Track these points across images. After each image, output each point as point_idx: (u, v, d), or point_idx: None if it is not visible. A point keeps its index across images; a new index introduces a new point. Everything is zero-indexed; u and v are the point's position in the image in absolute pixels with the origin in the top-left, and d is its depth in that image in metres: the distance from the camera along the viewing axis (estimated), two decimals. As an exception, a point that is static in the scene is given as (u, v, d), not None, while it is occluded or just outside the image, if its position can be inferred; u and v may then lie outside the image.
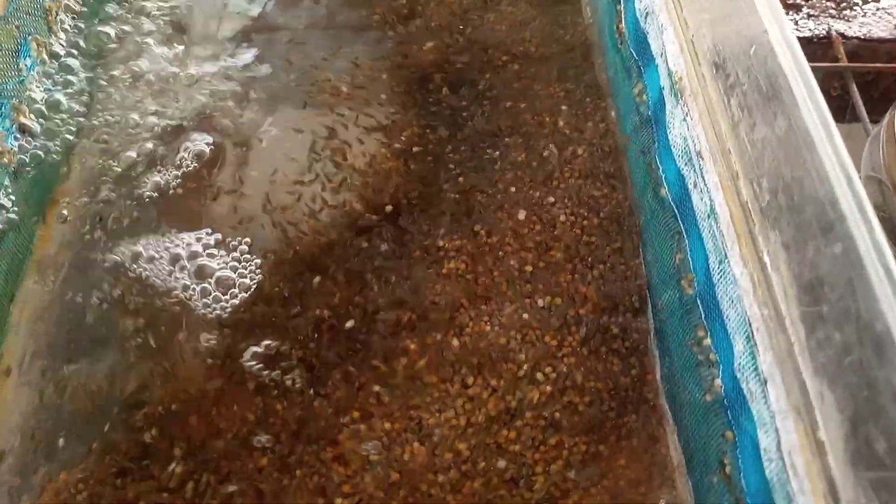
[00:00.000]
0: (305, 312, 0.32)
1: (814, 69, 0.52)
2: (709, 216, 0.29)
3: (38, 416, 0.30)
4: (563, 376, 0.31)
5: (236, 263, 0.34)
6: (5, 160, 0.32)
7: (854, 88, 0.49)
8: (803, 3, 0.54)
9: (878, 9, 0.54)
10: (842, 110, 0.51)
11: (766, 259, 0.26)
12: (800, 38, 0.54)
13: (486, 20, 0.42)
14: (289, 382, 0.31)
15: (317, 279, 0.33)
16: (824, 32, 0.52)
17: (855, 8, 0.54)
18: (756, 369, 0.26)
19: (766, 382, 0.25)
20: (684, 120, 0.31)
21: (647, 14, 0.36)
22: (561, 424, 0.30)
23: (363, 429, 0.29)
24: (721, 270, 0.28)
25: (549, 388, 0.31)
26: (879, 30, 0.53)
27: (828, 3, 0.54)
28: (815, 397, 0.23)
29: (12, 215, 0.32)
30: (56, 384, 0.31)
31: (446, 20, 0.42)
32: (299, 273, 0.33)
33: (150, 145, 0.37)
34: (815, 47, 0.52)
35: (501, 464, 0.29)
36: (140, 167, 0.36)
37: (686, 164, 0.31)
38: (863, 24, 0.53)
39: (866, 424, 0.21)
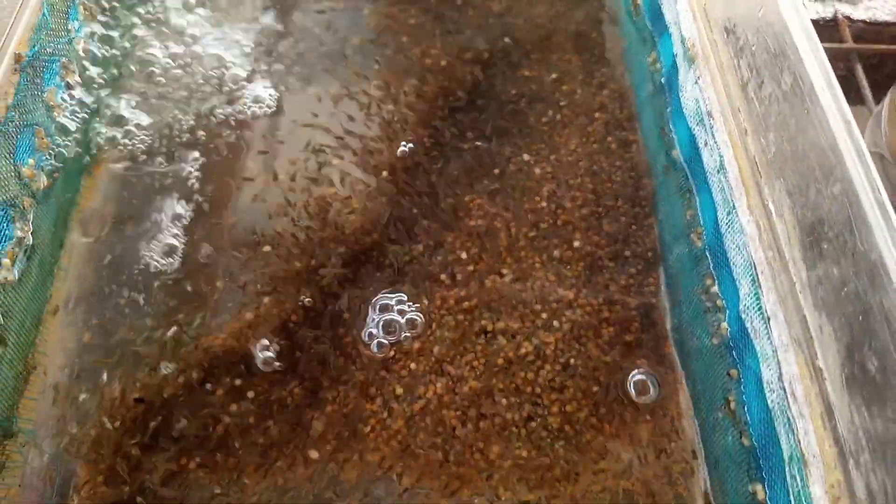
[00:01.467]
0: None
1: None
2: (718, 171, 0.31)
3: (81, 352, 0.32)
4: (578, 325, 0.33)
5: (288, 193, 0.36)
6: (55, 114, 0.35)
7: (859, 69, 0.51)
8: (812, -14, 0.55)
9: (886, -5, 0.56)
10: (847, 91, 0.52)
11: (772, 207, 0.28)
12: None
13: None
14: (305, 329, 0.33)
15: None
16: (831, 15, 0.53)
17: (862, -8, 0.56)
18: (760, 309, 0.27)
19: (769, 320, 0.27)
20: (696, 83, 0.33)
21: (662, -15, 0.37)
22: (576, 369, 0.32)
23: (391, 367, 0.32)
24: (729, 221, 0.30)
25: (564, 335, 0.33)
26: (884, 13, 0.54)
27: (835, -12, 0.56)
28: (814, 329, 0.25)
29: (60, 164, 0.34)
30: (97, 325, 0.33)
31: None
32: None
33: (181, 105, 0.39)
34: (822, 29, 0.53)
35: (518, 403, 0.31)
36: (177, 123, 0.38)
37: (697, 124, 0.33)
38: (868, 8, 0.55)
39: (861, 349, 0.22)
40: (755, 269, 0.27)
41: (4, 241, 0.30)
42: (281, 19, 0.43)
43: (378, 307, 0.33)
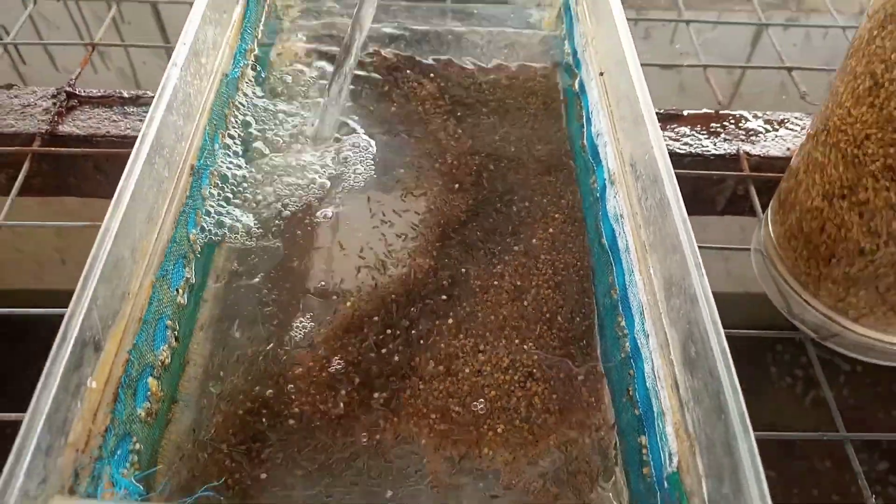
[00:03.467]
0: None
1: (726, 177, 0.76)
2: (626, 251, 0.49)
3: (212, 357, 0.49)
4: (541, 348, 0.50)
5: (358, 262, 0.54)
6: (206, 203, 0.53)
7: (753, 191, 0.70)
8: (722, 130, 0.76)
9: (776, 136, 0.76)
10: (743, 206, 0.72)
11: (651, 271, 0.46)
12: (717, 155, 0.76)
13: (498, 132, 0.65)
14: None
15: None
16: (735, 151, 0.74)
17: (759, 135, 0.76)
18: (644, 331, 0.44)
19: (647, 337, 0.44)
20: (615, 197, 0.52)
21: (598, 135, 0.57)
22: (537, 376, 0.49)
23: (422, 370, 0.49)
24: (630, 281, 0.48)
25: (531, 355, 0.50)
26: (775, 150, 0.74)
27: (739, 132, 0.76)
28: (669, 337, 0.42)
29: (206, 235, 0.53)
30: (221, 341, 0.50)
31: (467, 137, 0.65)
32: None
33: (282, 198, 0.58)
34: (728, 161, 0.73)
35: (498, 396, 0.48)
36: (278, 210, 0.57)
37: (616, 222, 0.51)
38: (763, 147, 0.75)
39: (688, 343, 0.40)
40: (642, 307, 0.45)
41: (180, 279, 0.48)
42: (355, 146, 0.63)
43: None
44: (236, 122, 0.60)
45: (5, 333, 0.57)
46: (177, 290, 0.47)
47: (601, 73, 0.58)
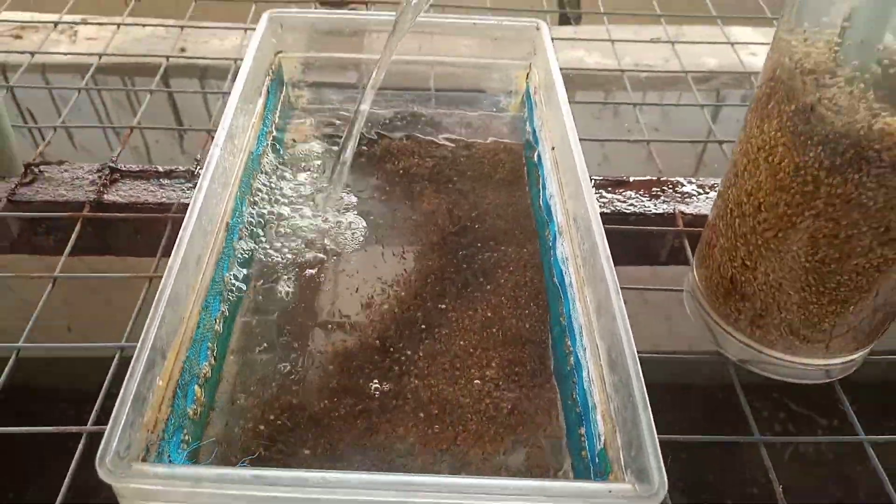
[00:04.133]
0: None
1: (665, 231, 0.90)
2: (570, 286, 0.62)
3: (238, 376, 0.61)
4: (505, 365, 0.62)
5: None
6: (237, 252, 0.67)
7: (686, 243, 0.84)
8: (661, 193, 0.90)
9: (707, 198, 0.91)
10: (679, 256, 0.86)
11: (587, 299, 0.59)
12: (657, 214, 0.90)
13: (473, 196, 0.79)
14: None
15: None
16: (672, 210, 0.88)
17: (693, 197, 0.90)
18: (582, 345, 0.57)
19: (585, 350, 0.56)
20: (562, 245, 0.65)
21: (550, 197, 0.72)
22: (501, 386, 0.61)
23: (409, 383, 0.61)
24: (574, 308, 0.61)
25: (496, 369, 0.62)
26: (705, 209, 0.88)
27: (676, 195, 0.91)
28: (599, 347, 0.54)
29: (237, 278, 0.66)
30: (245, 364, 0.62)
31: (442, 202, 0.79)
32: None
33: (293, 251, 0.71)
34: (666, 219, 0.87)
35: (473, 399, 0.60)
36: (289, 261, 0.70)
37: (563, 264, 0.65)
38: (696, 206, 0.89)
39: (612, 350, 0.52)
40: (581, 328, 0.58)
41: (217, 311, 0.61)
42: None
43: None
44: (259, 190, 0.74)
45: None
46: (215, 320, 0.59)
47: (552, 148, 0.73)
